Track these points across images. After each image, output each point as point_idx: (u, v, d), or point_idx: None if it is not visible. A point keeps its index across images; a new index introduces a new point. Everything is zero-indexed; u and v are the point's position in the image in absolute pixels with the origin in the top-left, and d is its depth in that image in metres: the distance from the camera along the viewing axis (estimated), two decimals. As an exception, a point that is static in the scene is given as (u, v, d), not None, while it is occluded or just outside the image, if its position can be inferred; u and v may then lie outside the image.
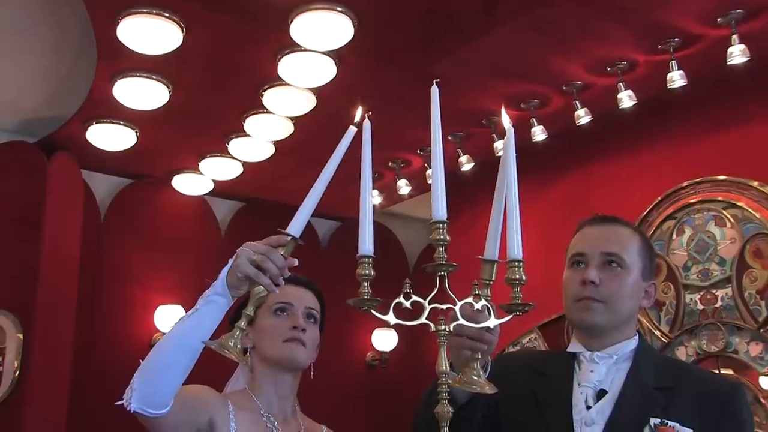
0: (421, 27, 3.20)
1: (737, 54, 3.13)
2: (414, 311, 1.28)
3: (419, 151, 4.35)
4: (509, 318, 1.33)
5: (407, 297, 1.26)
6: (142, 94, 3.61)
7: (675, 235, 3.66)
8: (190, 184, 4.70)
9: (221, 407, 1.65)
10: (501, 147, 3.83)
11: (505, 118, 1.43)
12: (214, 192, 4.86)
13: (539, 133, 3.85)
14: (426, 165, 4.45)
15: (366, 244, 1.25)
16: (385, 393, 5.26)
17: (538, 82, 3.65)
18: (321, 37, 3.14)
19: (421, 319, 1.27)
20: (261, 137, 4.10)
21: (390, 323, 1.26)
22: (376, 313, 1.26)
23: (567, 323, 3.39)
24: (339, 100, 3.52)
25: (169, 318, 4.40)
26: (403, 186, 4.59)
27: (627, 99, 3.49)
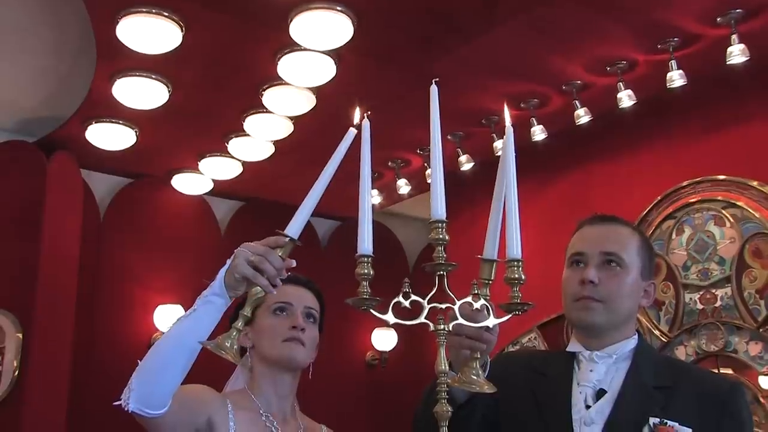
0: (421, 26, 3.20)
1: (737, 53, 3.13)
2: (413, 311, 1.28)
3: (419, 151, 4.35)
4: (508, 317, 1.33)
5: (406, 296, 1.26)
6: (141, 93, 3.61)
7: (674, 235, 3.66)
8: (189, 183, 4.70)
9: (220, 407, 1.65)
10: (501, 146, 3.83)
11: (507, 116, 1.43)
12: (213, 191, 4.86)
13: (539, 133, 3.86)
14: (426, 164, 4.45)
15: (365, 243, 1.25)
16: (385, 392, 5.26)
17: (537, 81, 3.65)
18: (320, 37, 3.14)
19: (420, 319, 1.27)
20: (261, 137, 4.10)
21: (389, 323, 1.26)
22: (375, 313, 1.26)
23: (566, 323, 3.39)
24: (339, 99, 3.52)
25: (169, 317, 4.39)
26: (403, 185, 4.59)
27: (626, 98, 3.49)
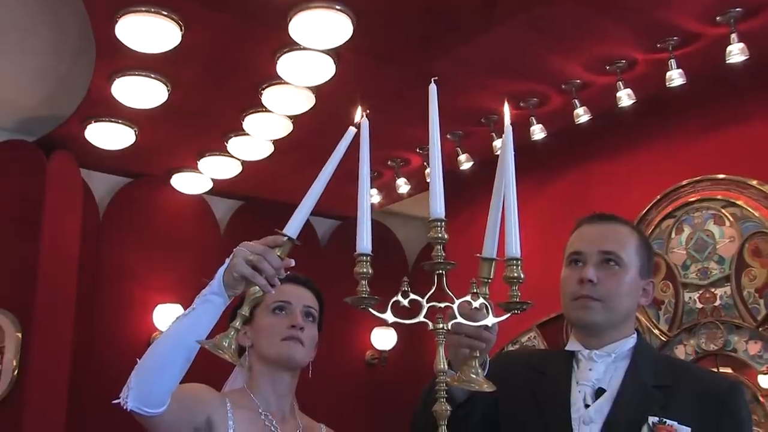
0: (420, 25, 3.20)
1: (736, 52, 3.13)
2: (412, 309, 1.28)
3: (418, 150, 4.35)
4: (507, 316, 1.33)
5: (405, 295, 1.26)
6: (140, 92, 3.60)
7: (674, 234, 3.66)
8: (189, 182, 4.69)
9: (219, 406, 1.65)
10: (500, 146, 3.83)
11: (507, 114, 1.43)
12: (213, 191, 4.85)
13: (538, 132, 3.86)
14: (425, 164, 4.45)
15: (364, 242, 1.25)
16: (385, 392, 5.26)
17: (537, 80, 3.65)
18: (320, 36, 3.14)
19: (419, 318, 1.27)
20: (260, 136, 4.09)
21: (388, 322, 1.26)
22: (374, 312, 1.26)
23: (566, 322, 3.39)
24: (338, 98, 3.52)
25: (168, 317, 4.39)
26: (402, 185, 4.59)
27: (626, 97, 3.49)
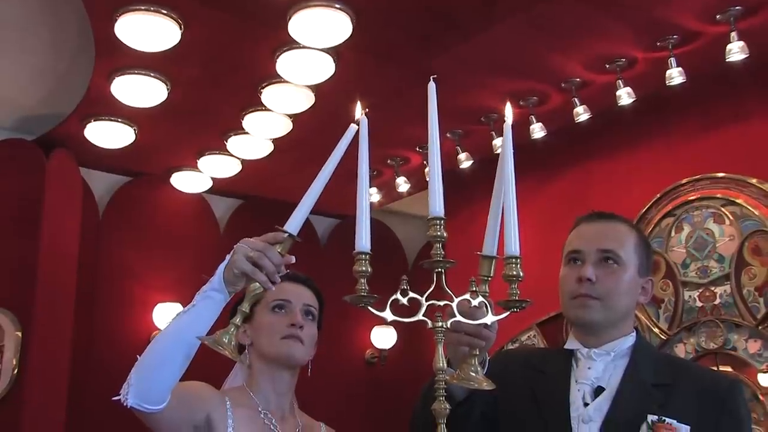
0: (420, 24, 3.19)
1: (736, 51, 3.13)
2: (411, 308, 1.28)
3: (418, 149, 4.35)
4: (507, 314, 1.32)
5: (404, 294, 1.26)
6: (140, 91, 3.60)
7: (674, 232, 3.66)
8: (188, 181, 4.69)
9: (219, 404, 1.65)
10: (500, 144, 3.83)
11: (509, 113, 1.43)
12: (212, 189, 4.85)
13: (538, 131, 3.86)
14: (425, 162, 4.44)
15: (363, 240, 1.24)
16: (384, 390, 5.26)
17: (536, 79, 3.65)
18: (319, 34, 3.13)
19: (418, 316, 1.27)
20: (260, 135, 4.09)
21: (387, 320, 1.25)
22: (373, 310, 1.26)
23: (565, 320, 3.39)
24: (338, 97, 3.52)
25: (168, 316, 4.38)
26: (402, 183, 4.59)
27: (626, 96, 3.49)
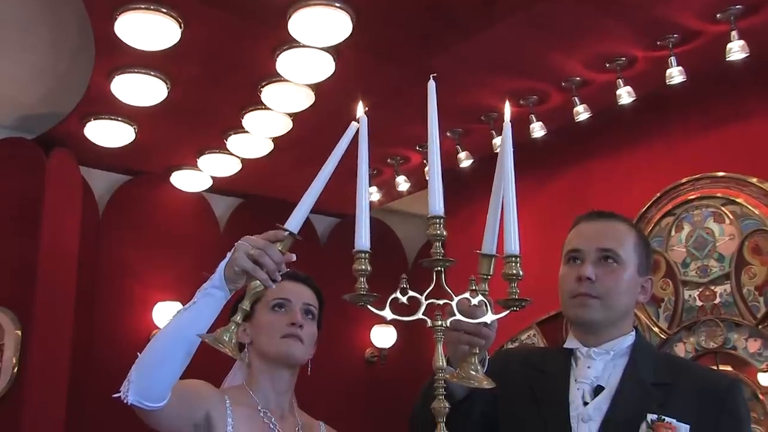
0: (420, 23, 3.19)
1: (736, 50, 3.13)
2: (411, 307, 1.28)
3: (418, 148, 4.35)
4: (506, 313, 1.32)
5: (404, 292, 1.26)
6: (140, 90, 3.60)
7: (674, 232, 3.66)
8: (188, 180, 4.69)
9: (218, 402, 1.65)
10: (500, 143, 3.83)
11: (507, 111, 1.43)
12: (212, 188, 4.85)
13: (538, 130, 3.86)
14: (425, 161, 4.44)
15: (362, 239, 1.24)
16: (384, 389, 5.25)
17: (536, 78, 3.65)
18: (319, 33, 3.13)
19: (418, 315, 1.27)
20: (259, 133, 4.09)
21: (387, 319, 1.25)
22: (372, 309, 1.26)
23: (565, 320, 3.39)
24: (338, 96, 3.52)
25: (168, 314, 4.38)
26: (402, 182, 4.59)
27: (626, 95, 3.49)
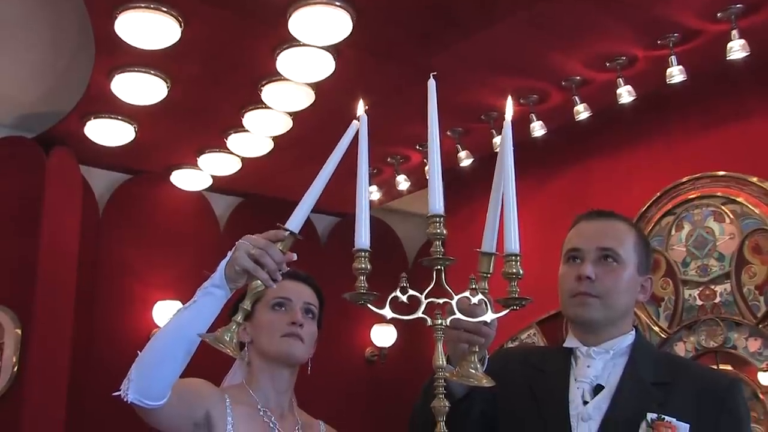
0: (420, 22, 3.19)
1: (737, 49, 3.12)
2: (411, 306, 1.27)
3: (418, 147, 4.34)
4: (506, 312, 1.32)
5: (404, 291, 1.25)
6: (140, 89, 3.60)
7: (674, 231, 3.66)
8: (188, 179, 4.69)
9: (218, 401, 1.65)
10: (500, 141, 3.83)
11: (509, 107, 1.43)
12: (212, 187, 4.85)
13: (538, 129, 3.85)
14: (425, 160, 4.44)
15: (362, 237, 1.24)
16: (384, 388, 5.25)
17: (537, 77, 3.65)
18: (319, 32, 3.13)
19: (418, 314, 1.27)
20: (260, 132, 4.09)
21: (386, 318, 1.25)
22: (372, 308, 1.25)
23: (565, 319, 3.39)
24: (338, 95, 3.51)
25: (168, 313, 4.38)
26: (402, 181, 4.59)
27: (626, 94, 3.49)
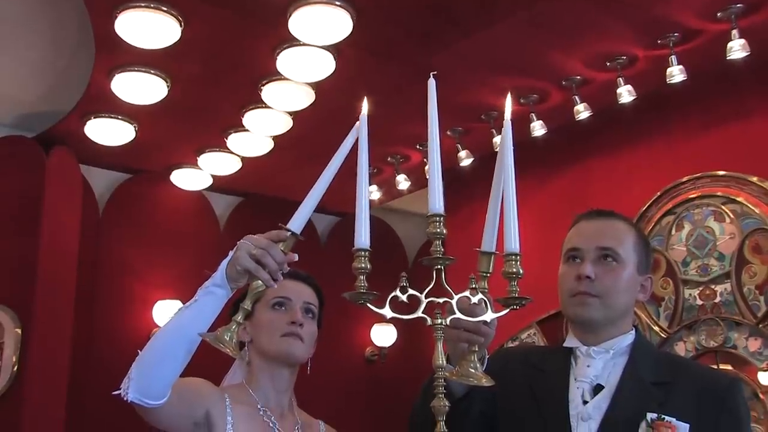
0: (420, 21, 3.19)
1: (737, 49, 3.13)
2: (411, 305, 1.27)
3: (418, 146, 4.34)
4: (506, 312, 1.32)
5: (404, 291, 1.25)
6: (140, 88, 3.60)
7: (674, 231, 3.66)
8: (188, 178, 4.69)
9: (218, 401, 1.65)
10: (500, 140, 3.83)
11: (509, 105, 1.42)
12: (212, 187, 4.85)
13: (538, 128, 3.86)
14: (425, 160, 4.43)
15: (362, 237, 1.24)
16: (384, 388, 5.25)
17: (537, 77, 3.65)
18: (319, 32, 3.13)
19: (418, 313, 1.27)
20: (260, 132, 4.09)
21: (386, 317, 1.25)
22: (372, 307, 1.25)
23: (565, 319, 3.39)
24: (338, 94, 3.52)
25: (168, 313, 4.37)
26: (402, 181, 4.59)
27: (626, 94, 3.49)
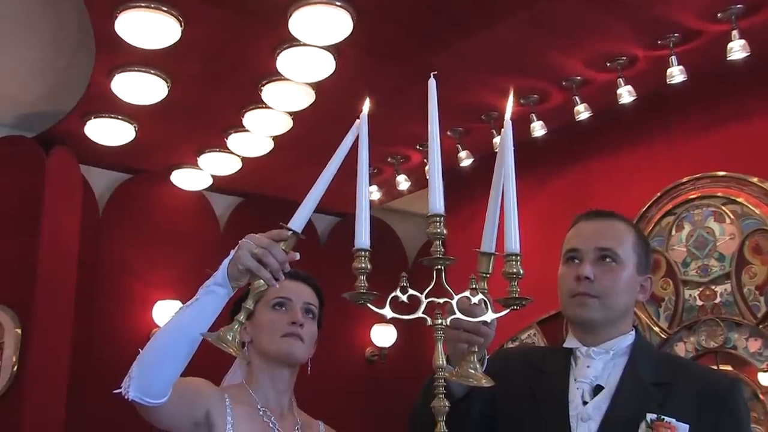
0: (421, 21, 3.19)
1: (737, 49, 3.13)
2: (411, 305, 1.27)
3: (418, 147, 4.34)
4: (506, 312, 1.32)
5: (404, 291, 1.25)
6: (140, 88, 3.60)
7: (674, 231, 3.66)
8: (188, 179, 4.69)
9: (218, 401, 1.65)
10: (500, 141, 3.83)
11: (510, 103, 1.42)
12: (212, 187, 4.85)
13: (538, 129, 3.86)
14: (425, 160, 4.43)
15: (362, 237, 1.24)
16: (384, 388, 5.26)
17: (537, 77, 3.65)
18: (320, 32, 3.13)
19: (418, 313, 1.27)
20: (260, 132, 4.09)
21: (386, 317, 1.25)
22: (372, 307, 1.25)
23: (565, 319, 3.39)
24: (338, 94, 3.52)
25: (168, 313, 4.38)
26: (402, 181, 4.59)
27: (627, 94, 3.49)
